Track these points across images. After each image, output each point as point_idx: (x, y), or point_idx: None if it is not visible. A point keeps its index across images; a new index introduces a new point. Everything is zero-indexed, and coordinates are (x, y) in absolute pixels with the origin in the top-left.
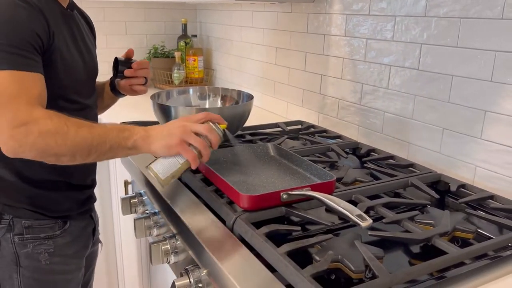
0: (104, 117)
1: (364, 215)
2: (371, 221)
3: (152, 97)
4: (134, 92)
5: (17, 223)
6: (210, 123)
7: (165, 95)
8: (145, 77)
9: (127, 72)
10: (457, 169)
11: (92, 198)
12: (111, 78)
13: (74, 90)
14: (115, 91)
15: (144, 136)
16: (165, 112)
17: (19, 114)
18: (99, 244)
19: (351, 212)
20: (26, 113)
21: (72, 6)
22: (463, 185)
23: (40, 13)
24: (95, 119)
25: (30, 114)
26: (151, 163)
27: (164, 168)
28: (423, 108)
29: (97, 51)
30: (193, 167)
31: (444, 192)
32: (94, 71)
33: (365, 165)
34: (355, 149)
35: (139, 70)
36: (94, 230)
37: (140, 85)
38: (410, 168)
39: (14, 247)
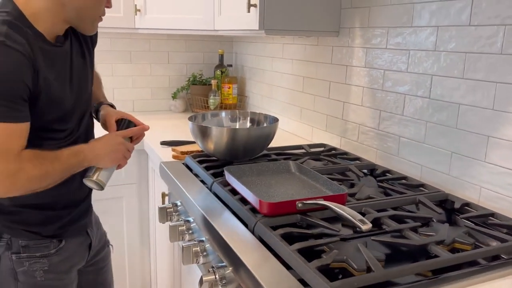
0: (152, 135)
1: (365, 220)
2: (371, 225)
3: (190, 118)
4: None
5: (14, 242)
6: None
7: (201, 117)
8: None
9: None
10: (464, 189)
11: (86, 217)
12: (98, 109)
13: (60, 120)
14: (97, 117)
15: (94, 156)
16: (201, 132)
17: (9, 166)
18: (110, 247)
19: (354, 217)
20: (15, 165)
21: (65, 36)
22: (467, 204)
23: (29, 60)
24: (88, 134)
25: (18, 165)
26: (94, 176)
27: (107, 177)
28: (433, 133)
29: (142, 77)
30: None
31: (449, 209)
32: (86, 96)
33: (379, 184)
34: (372, 170)
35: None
36: (91, 245)
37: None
38: (421, 188)
39: (12, 264)
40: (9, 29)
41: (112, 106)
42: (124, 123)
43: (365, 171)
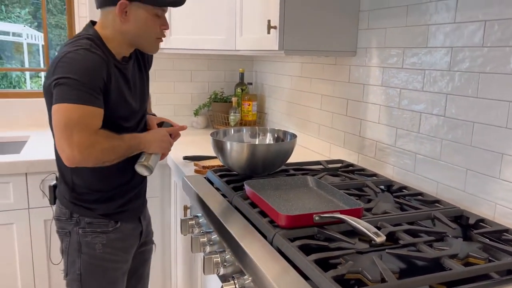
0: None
1: (379, 232)
2: (385, 237)
3: (212, 134)
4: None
5: (81, 219)
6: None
7: (222, 133)
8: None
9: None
10: (480, 206)
11: (139, 208)
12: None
13: (126, 119)
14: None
15: (147, 141)
16: (222, 147)
17: (89, 138)
18: (153, 245)
19: (368, 229)
20: (93, 137)
21: (129, 57)
22: (482, 220)
23: (105, 64)
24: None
25: (95, 138)
26: (144, 162)
27: (154, 162)
28: (449, 151)
29: (165, 95)
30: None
31: (464, 225)
32: (144, 103)
33: (395, 199)
34: (388, 186)
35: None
36: (141, 233)
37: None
38: (436, 204)
39: (78, 237)
40: (92, 43)
41: (154, 115)
42: (164, 125)
43: (382, 187)
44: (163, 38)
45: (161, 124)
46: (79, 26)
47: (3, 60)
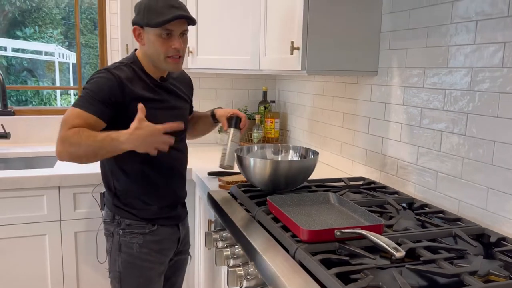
0: (199, 166)
1: (399, 248)
2: (404, 252)
3: (236, 150)
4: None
5: (122, 221)
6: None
7: (246, 150)
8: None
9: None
10: (501, 224)
11: (178, 215)
12: (214, 114)
13: None
14: (215, 120)
15: (126, 140)
16: (246, 163)
17: (62, 133)
18: (188, 256)
19: (388, 244)
20: (65, 132)
21: (167, 77)
22: (503, 238)
23: (118, 83)
24: (171, 151)
25: (65, 133)
26: (226, 162)
27: (230, 159)
28: (470, 169)
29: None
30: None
31: (485, 243)
32: (178, 119)
33: (417, 217)
34: (410, 203)
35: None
36: (179, 240)
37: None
38: (457, 222)
39: (119, 238)
40: (120, 64)
41: (219, 107)
42: (232, 119)
43: (403, 204)
44: (188, 57)
45: (231, 118)
46: (110, 46)
47: (36, 78)
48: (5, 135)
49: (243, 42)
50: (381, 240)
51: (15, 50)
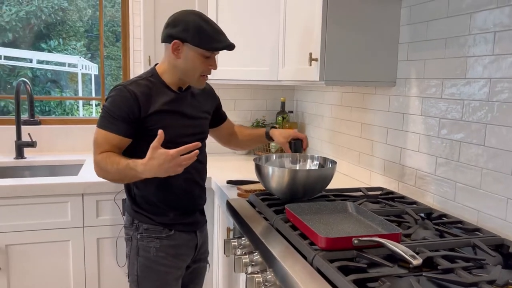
0: (218, 175)
1: (416, 255)
2: (421, 260)
3: (255, 159)
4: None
5: (140, 226)
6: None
7: (265, 159)
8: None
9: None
10: None
11: (196, 222)
12: (267, 132)
13: (172, 141)
14: (269, 139)
15: (147, 170)
16: (264, 172)
17: (95, 156)
18: (207, 264)
19: (405, 252)
20: (97, 157)
21: (186, 89)
22: None
23: (134, 99)
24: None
25: (97, 158)
26: None
27: None
28: (489, 179)
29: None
30: None
31: (504, 254)
32: (196, 129)
33: (435, 227)
34: (428, 213)
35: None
36: (197, 246)
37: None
38: (476, 232)
39: (137, 242)
40: (142, 81)
41: (274, 127)
42: (294, 144)
43: (421, 214)
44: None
45: (292, 143)
46: (133, 58)
47: (60, 89)
48: (31, 144)
49: (262, 54)
50: (398, 248)
51: (40, 62)
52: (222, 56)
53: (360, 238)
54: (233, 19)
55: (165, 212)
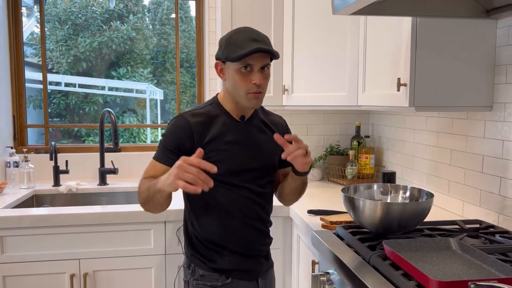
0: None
1: None
2: None
3: (343, 190)
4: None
5: (196, 271)
6: None
7: (353, 189)
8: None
9: None
10: None
11: (257, 268)
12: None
13: (228, 174)
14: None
15: (163, 179)
16: (354, 204)
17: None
18: None
19: None
20: (139, 182)
21: (250, 118)
22: None
23: (187, 130)
24: (247, 197)
25: (140, 182)
26: None
27: None
28: None
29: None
30: None
31: None
32: (263, 160)
33: None
34: None
35: None
36: None
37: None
38: None
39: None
40: (201, 109)
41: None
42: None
43: None
44: (284, 95)
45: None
46: (209, 86)
47: (136, 115)
48: (114, 171)
49: (340, 79)
50: None
51: (110, 88)
52: (297, 82)
53: (478, 283)
54: (308, 43)
55: (221, 255)
